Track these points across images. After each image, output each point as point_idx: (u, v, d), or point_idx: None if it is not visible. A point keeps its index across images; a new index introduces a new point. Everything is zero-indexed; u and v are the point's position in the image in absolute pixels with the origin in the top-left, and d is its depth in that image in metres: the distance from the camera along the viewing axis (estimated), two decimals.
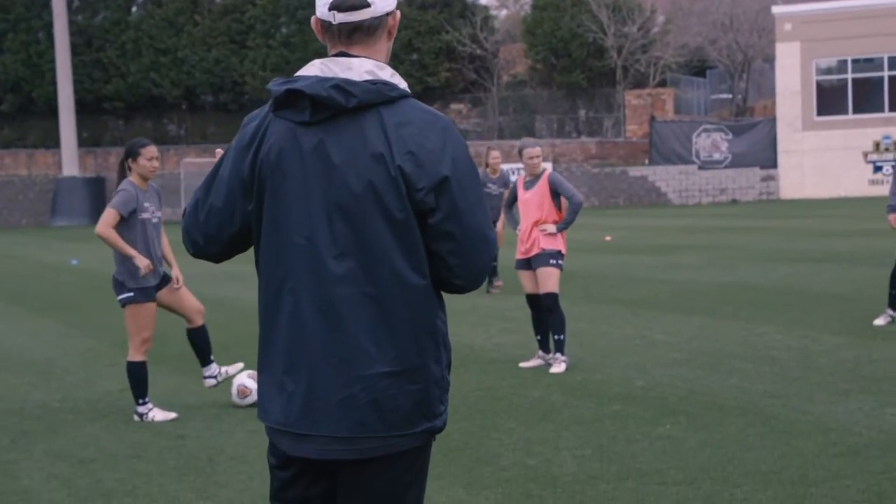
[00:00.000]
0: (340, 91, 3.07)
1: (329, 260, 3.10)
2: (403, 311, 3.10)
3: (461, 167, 3.14)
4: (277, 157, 3.16)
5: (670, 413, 8.21)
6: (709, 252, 21.70)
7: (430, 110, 3.17)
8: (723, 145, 45.68)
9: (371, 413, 3.09)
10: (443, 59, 51.28)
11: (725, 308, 13.75)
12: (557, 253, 10.24)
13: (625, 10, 49.10)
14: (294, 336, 3.15)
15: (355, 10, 3.12)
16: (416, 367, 3.12)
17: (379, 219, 3.08)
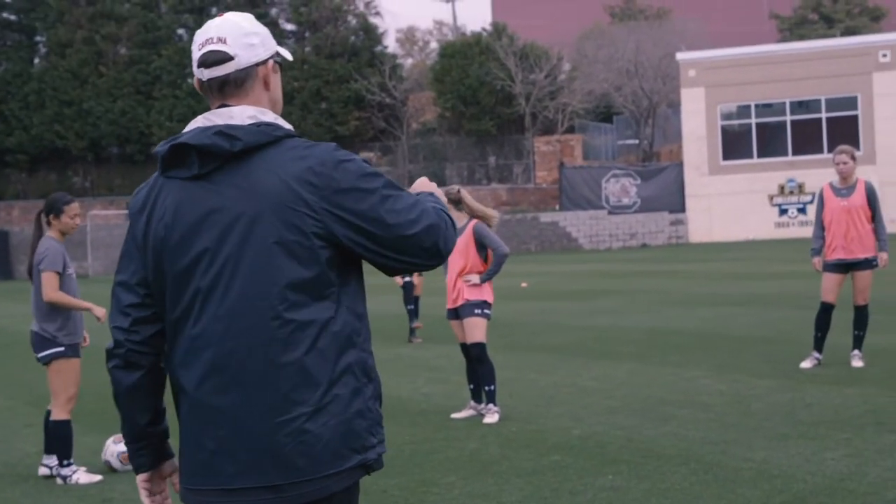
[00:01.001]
0: (224, 136, 3.07)
1: (234, 309, 3.07)
2: (317, 352, 3.06)
3: (359, 194, 3.08)
4: (173, 215, 3.14)
5: (611, 462, 8.08)
6: (628, 297, 21.76)
7: (318, 144, 3.16)
8: (632, 190, 46.13)
9: (300, 456, 3.04)
10: (352, 107, 51.24)
11: (653, 353, 13.72)
12: (483, 303, 10.11)
13: (531, 57, 49.54)
14: (208, 391, 3.09)
15: (219, 65, 3.17)
16: (337, 402, 3.07)
17: (283, 258, 3.05)
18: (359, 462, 3.10)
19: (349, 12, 53.35)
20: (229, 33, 3.18)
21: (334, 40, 51.61)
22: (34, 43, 55.16)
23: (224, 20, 3.23)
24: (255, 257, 3.07)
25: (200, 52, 3.19)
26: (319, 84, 50.78)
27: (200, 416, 3.12)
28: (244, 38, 3.20)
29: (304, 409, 3.05)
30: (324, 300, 3.09)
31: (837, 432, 8.69)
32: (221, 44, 3.17)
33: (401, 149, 52.33)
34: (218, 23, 3.22)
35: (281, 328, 3.05)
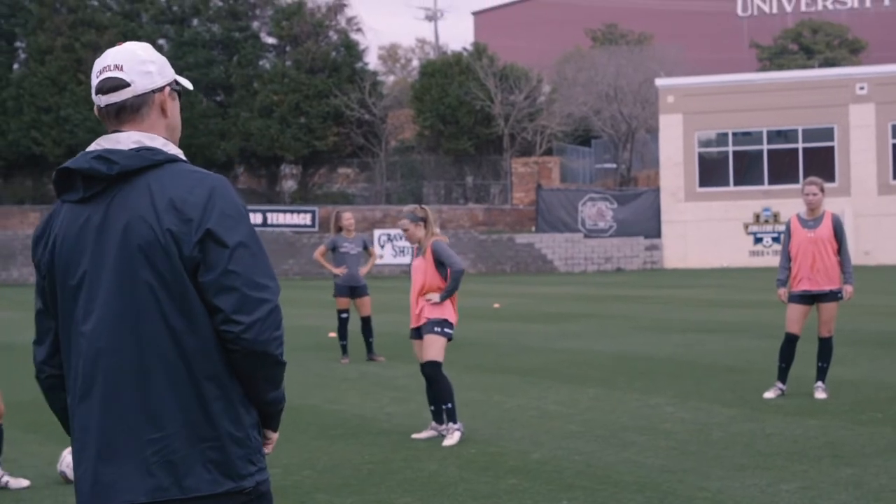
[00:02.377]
0: (102, 161, 3.17)
1: (106, 329, 3.14)
2: (185, 374, 3.12)
3: (227, 221, 3.17)
4: (63, 238, 3.24)
5: (567, 488, 8.07)
6: (599, 321, 21.78)
7: (199, 170, 3.25)
8: (608, 214, 46.24)
9: (167, 476, 3.09)
10: (331, 123, 51.21)
11: (619, 378, 13.72)
12: (443, 321, 10.04)
13: (511, 78, 49.67)
14: (83, 411, 3.17)
15: (115, 91, 3.26)
16: (208, 426, 3.13)
17: (152, 282, 3.12)
18: (231, 489, 3.16)
19: (331, 28, 53.34)
20: (126, 61, 3.29)
21: (315, 55, 51.60)
22: (13, 49, 54.94)
23: (121, 49, 3.33)
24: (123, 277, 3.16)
25: (98, 79, 3.29)
26: (299, 98, 50.75)
27: (80, 436, 3.22)
28: (140, 66, 3.29)
29: (171, 430, 3.12)
30: (192, 328, 3.15)
31: (795, 464, 8.70)
32: (118, 71, 3.28)
33: (379, 166, 52.33)
34: (116, 51, 3.32)
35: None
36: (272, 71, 52.23)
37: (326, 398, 12.61)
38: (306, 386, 13.65)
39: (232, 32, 52.52)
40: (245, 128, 50.96)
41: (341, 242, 16.03)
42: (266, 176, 54.95)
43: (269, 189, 54.27)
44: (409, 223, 10.16)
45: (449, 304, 10.08)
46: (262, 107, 51.00)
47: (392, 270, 44.25)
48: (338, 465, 9.06)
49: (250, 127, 50.83)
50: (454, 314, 10.17)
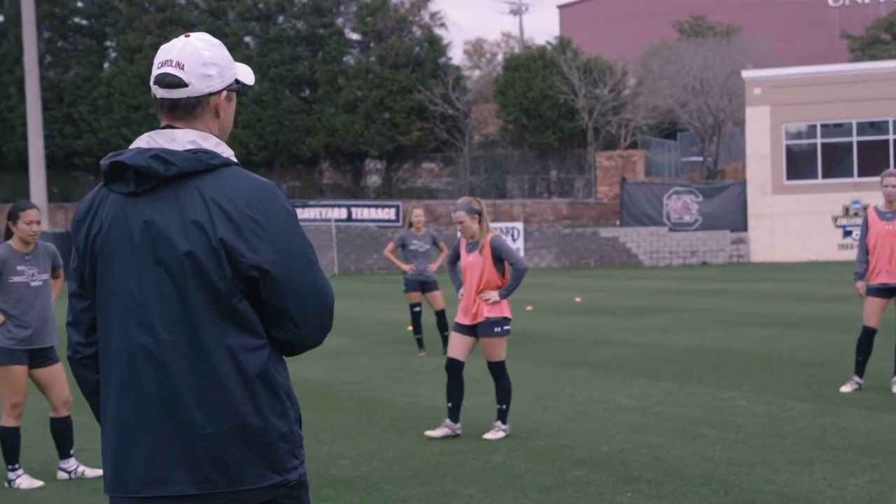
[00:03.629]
0: (160, 160, 3.18)
1: (158, 327, 3.18)
2: (237, 374, 3.18)
3: (282, 237, 3.22)
4: (108, 229, 3.27)
5: (632, 480, 8.08)
6: (678, 315, 21.65)
7: (254, 178, 3.25)
8: (693, 207, 45.85)
9: (215, 470, 3.16)
10: (414, 118, 51.40)
11: (693, 372, 13.65)
12: (502, 320, 9.89)
13: (596, 72, 49.44)
14: (131, 403, 3.22)
15: (172, 88, 3.28)
16: (258, 423, 3.19)
17: (202, 286, 3.16)
18: (277, 482, 3.23)
19: (414, 23, 53.55)
20: (188, 60, 3.29)
21: (399, 51, 51.83)
22: (104, 48, 55.96)
23: (187, 44, 3.31)
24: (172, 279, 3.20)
25: (158, 71, 3.31)
26: (383, 94, 51.02)
27: (123, 428, 3.26)
28: (202, 69, 3.29)
29: (222, 426, 3.18)
30: (243, 328, 3.21)
31: (866, 458, 8.61)
32: (179, 69, 3.28)
33: (462, 160, 52.43)
34: (181, 45, 3.31)
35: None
36: (356, 67, 52.55)
37: (400, 391, 12.72)
38: (382, 379, 13.78)
39: (316, 29, 52.93)
40: (330, 123, 51.35)
41: (411, 239, 16.11)
42: (351, 171, 55.33)
43: (353, 184, 54.65)
44: (465, 216, 9.91)
45: (506, 302, 9.94)
46: (347, 102, 51.35)
47: None
48: (406, 457, 9.15)
49: (335, 122, 51.21)
50: (510, 310, 10.03)
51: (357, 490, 8.01)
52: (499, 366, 9.94)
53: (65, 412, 8.73)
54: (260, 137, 51.29)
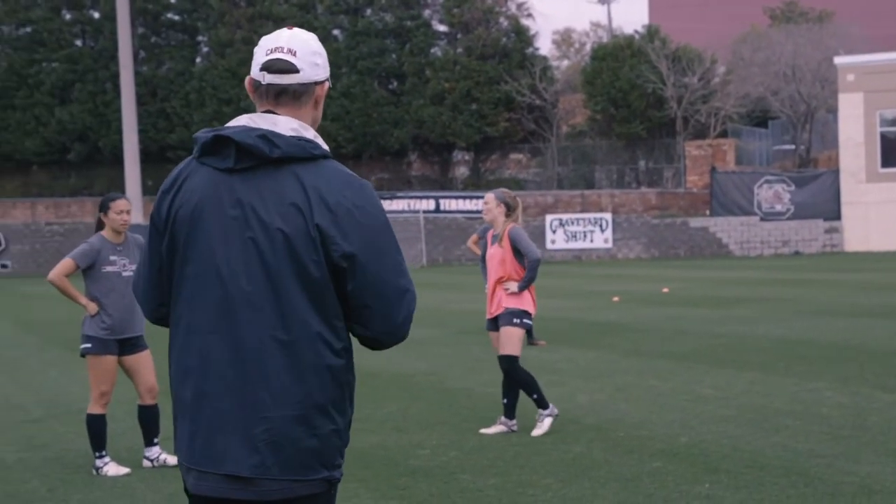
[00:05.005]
0: (266, 141, 3.21)
1: (242, 304, 3.21)
2: (313, 362, 3.21)
3: (374, 231, 3.26)
4: (197, 202, 3.28)
5: (711, 471, 8.04)
6: (766, 305, 21.41)
7: (349, 172, 3.30)
8: (785, 196, 45.25)
9: (271, 455, 3.19)
10: (502, 109, 51.38)
11: (778, 363, 13.51)
12: (521, 312, 9.72)
13: (684, 60, 48.97)
14: (202, 376, 3.25)
15: (284, 74, 3.30)
16: (321, 415, 3.23)
17: (293, 270, 3.19)
18: (325, 477, 3.28)
19: (501, 14, 53.51)
20: (299, 48, 3.34)
21: (486, 42, 51.84)
22: (196, 43, 56.76)
23: (295, 34, 3.37)
24: (266, 259, 3.22)
25: (267, 57, 3.32)
26: (470, 85, 51.08)
27: (194, 399, 3.30)
28: (311, 57, 3.36)
29: (287, 412, 3.22)
30: (327, 320, 3.25)
31: None
32: (291, 55, 3.32)
33: (550, 151, 52.29)
34: (289, 35, 3.36)
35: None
36: (443, 58, 52.66)
37: (481, 381, 12.76)
38: (464, 370, 13.84)
39: (404, 21, 53.14)
40: (417, 115, 51.54)
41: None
42: (439, 162, 55.49)
43: (441, 175, 54.79)
44: (492, 199, 9.84)
45: (527, 294, 9.78)
46: (434, 94, 51.48)
47: (564, 255, 44.23)
48: (485, 447, 9.20)
49: (423, 114, 51.38)
50: (533, 304, 9.87)
51: (435, 480, 8.07)
52: (508, 359, 9.68)
53: (150, 400, 8.90)
54: (348, 130, 51.65)
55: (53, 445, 9.80)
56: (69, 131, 53.06)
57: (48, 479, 8.51)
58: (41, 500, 7.88)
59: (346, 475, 8.14)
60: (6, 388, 13.43)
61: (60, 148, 53.12)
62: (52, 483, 8.36)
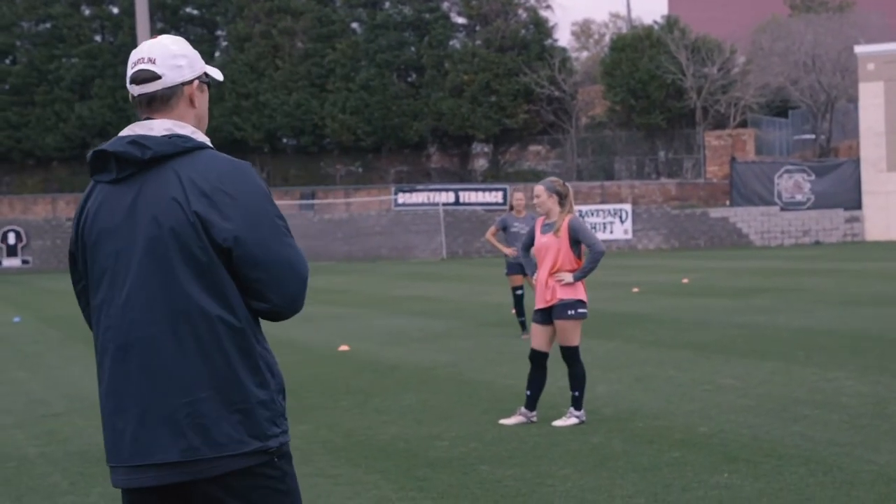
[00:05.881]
0: (136, 145, 3.40)
1: (142, 302, 3.38)
2: (216, 342, 3.36)
3: (252, 209, 3.39)
4: (94, 216, 3.50)
5: (731, 461, 8.03)
6: (787, 295, 21.35)
7: (227, 158, 3.46)
8: (805, 186, 45.10)
9: (197, 437, 3.33)
10: (520, 101, 51.34)
11: (799, 352, 13.48)
12: (577, 302, 9.62)
13: (704, 50, 48.83)
14: (118, 377, 3.42)
15: (147, 83, 3.49)
16: (236, 391, 3.36)
17: (182, 260, 3.36)
18: (257, 448, 3.39)
19: (519, 6, 53.46)
20: (158, 55, 3.51)
21: (504, 33, 51.81)
22: (215, 37, 56.93)
23: (155, 42, 3.56)
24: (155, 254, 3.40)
25: (132, 70, 3.52)
26: (489, 77, 51.06)
27: (113, 401, 3.46)
28: (171, 60, 3.51)
29: (200, 394, 3.35)
30: (221, 300, 3.38)
31: None
32: (151, 64, 3.50)
33: (569, 142, 52.23)
34: (150, 44, 3.55)
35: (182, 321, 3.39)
36: (462, 50, 52.66)
37: (501, 373, 12.77)
38: (484, 362, 13.85)
39: (422, 13, 53.15)
40: (436, 108, 51.55)
41: (512, 222, 16.09)
42: (458, 155, 55.49)
43: (461, 168, 54.81)
44: (543, 190, 9.71)
45: (581, 284, 9.68)
46: (453, 86, 51.48)
47: None
48: (504, 438, 9.21)
49: (441, 107, 51.38)
50: (585, 293, 9.78)
51: (454, 471, 8.09)
52: (572, 351, 9.71)
53: None
54: (368, 123, 51.68)
55: (75, 440, 9.85)
56: (89, 127, 53.23)
57: (69, 472, 8.56)
58: (62, 493, 7.93)
59: (365, 467, 8.23)
60: (29, 384, 13.51)
61: (80, 143, 53.29)
62: (74, 477, 8.41)
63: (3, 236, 47.26)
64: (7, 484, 8.24)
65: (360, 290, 28.94)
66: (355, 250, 46.96)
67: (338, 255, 47.01)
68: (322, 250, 46.83)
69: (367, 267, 41.83)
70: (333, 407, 10.97)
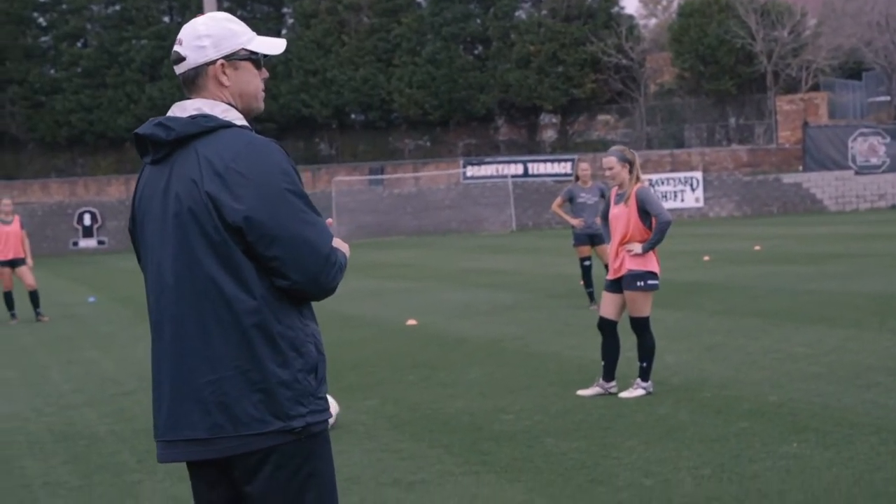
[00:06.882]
0: (161, 127, 3.47)
1: (169, 281, 3.46)
2: (233, 322, 3.38)
3: (269, 188, 3.38)
4: (140, 196, 3.60)
5: (800, 430, 7.89)
6: (862, 261, 21.00)
7: (247, 135, 3.44)
8: (880, 149, 44.31)
9: (221, 415, 3.38)
10: (588, 70, 50.96)
11: (872, 319, 13.24)
12: (646, 273, 9.51)
13: (773, 13, 48.07)
14: (156, 353, 3.53)
15: (177, 64, 3.57)
16: (256, 370, 3.38)
17: (201, 240, 3.40)
18: (280, 428, 3.39)
19: None
20: (186, 36, 3.57)
21: (570, 3, 51.39)
22: (281, 14, 57.11)
23: (190, 23, 3.61)
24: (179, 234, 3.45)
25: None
26: (555, 47, 50.72)
27: (155, 377, 3.56)
28: (195, 41, 3.54)
29: (224, 373, 3.40)
30: (237, 279, 3.39)
31: None
32: (179, 45, 3.57)
33: (638, 111, 51.76)
34: (187, 25, 3.61)
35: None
36: (528, 21, 52.34)
37: (569, 345, 12.69)
38: (551, 334, 13.78)
39: None
40: (503, 79, 51.34)
41: (578, 192, 15.90)
42: (526, 126, 55.25)
43: (529, 140, 54.57)
44: (615, 161, 9.60)
45: (652, 255, 9.56)
46: (519, 58, 51.22)
47: None
48: (570, 410, 9.13)
49: (508, 78, 51.16)
50: (657, 264, 9.66)
51: (518, 444, 8.04)
52: (641, 322, 9.60)
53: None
54: (434, 97, 51.60)
55: (142, 418, 9.92)
56: (160, 107, 53.59)
57: (137, 450, 8.63)
58: (130, 471, 8.00)
59: (429, 441, 8.20)
60: (101, 363, 13.68)
61: None
62: (141, 455, 8.48)
63: (79, 217, 47.93)
64: (77, 461, 8.34)
65: (429, 263, 28.95)
66: (425, 224, 46.99)
67: (407, 229, 47.06)
68: (391, 225, 46.91)
69: (436, 241, 41.84)
70: (399, 381, 10.97)
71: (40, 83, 54.45)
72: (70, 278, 31.45)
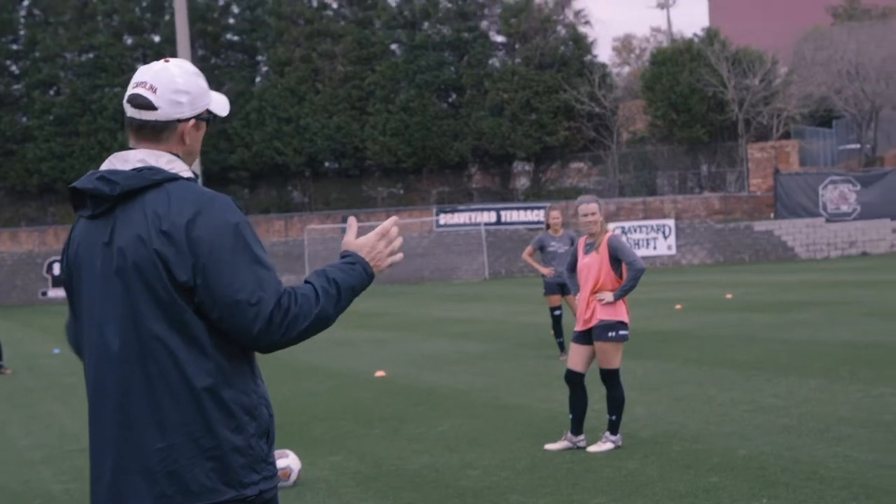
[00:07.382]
0: (104, 181, 3.30)
1: (112, 343, 3.26)
2: (184, 387, 3.21)
3: (213, 246, 3.20)
4: (76, 252, 3.40)
5: (770, 485, 7.77)
6: (833, 308, 20.97)
7: (196, 190, 3.28)
8: (851, 197, 44.53)
9: (170, 485, 3.20)
10: (561, 118, 51.13)
11: (843, 368, 13.15)
12: (618, 324, 9.38)
13: (745, 62, 48.41)
14: (96, 422, 3.33)
15: (142, 109, 3.37)
16: (208, 437, 3.21)
17: (148, 299, 3.22)
18: (233, 497, 3.24)
19: (558, 23, 53.29)
20: (162, 85, 3.38)
21: (544, 51, 51.64)
22: (255, 62, 57.12)
23: (164, 69, 3.41)
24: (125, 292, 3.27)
25: (131, 91, 3.40)
26: (529, 95, 50.89)
27: (93, 445, 3.37)
28: (173, 95, 3.38)
29: (172, 441, 3.22)
30: (188, 340, 3.23)
31: None
32: (151, 92, 3.37)
33: (611, 158, 51.92)
34: (157, 69, 3.41)
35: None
36: (501, 69, 52.56)
37: (538, 396, 12.55)
38: (521, 385, 13.63)
39: (462, 33, 53.10)
40: (477, 127, 51.44)
41: (549, 241, 15.74)
42: (499, 174, 55.33)
43: (502, 187, 54.61)
44: (596, 207, 9.45)
45: (622, 304, 9.45)
46: (493, 105, 51.36)
47: None
48: (537, 465, 8.99)
49: (482, 126, 51.27)
50: (627, 314, 9.53)
51: (484, 501, 7.88)
52: (612, 374, 9.46)
53: None
54: (408, 144, 51.65)
55: None
56: None
57: None
58: None
59: (394, 499, 8.03)
60: (61, 416, 13.44)
61: None
62: None
63: (48, 267, 47.55)
64: None
65: (401, 312, 28.79)
66: (398, 273, 46.87)
67: (380, 278, 46.82)
68: None
69: (408, 289, 41.70)
70: (366, 435, 10.80)
71: (11, 131, 54.15)
72: (38, 328, 31.12)
